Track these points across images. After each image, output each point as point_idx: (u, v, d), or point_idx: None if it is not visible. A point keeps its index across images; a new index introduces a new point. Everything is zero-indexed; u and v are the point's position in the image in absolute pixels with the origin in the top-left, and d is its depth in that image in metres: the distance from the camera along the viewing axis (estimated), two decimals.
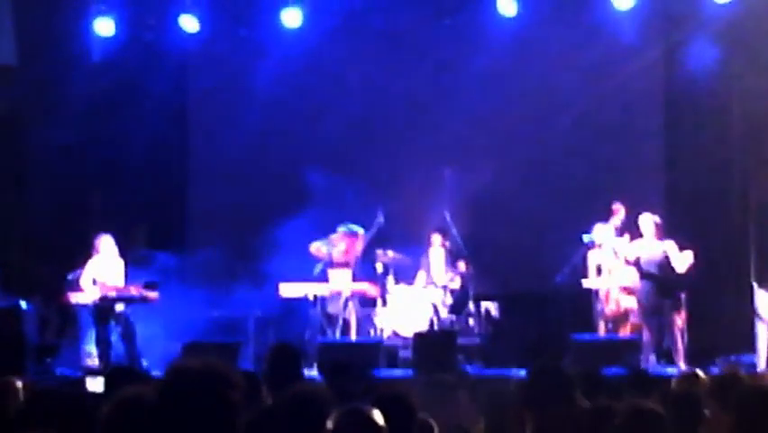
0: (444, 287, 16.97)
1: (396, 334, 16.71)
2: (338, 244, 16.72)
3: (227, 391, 3.78)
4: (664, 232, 15.49)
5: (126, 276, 16.40)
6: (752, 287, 15.10)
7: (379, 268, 16.95)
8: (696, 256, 15.19)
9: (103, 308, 15.84)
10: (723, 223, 17.23)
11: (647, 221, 15.47)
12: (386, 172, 18.14)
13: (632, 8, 17.00)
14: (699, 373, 8.72)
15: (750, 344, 14.74)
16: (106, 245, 16.34)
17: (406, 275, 17.26)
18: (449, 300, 16.96)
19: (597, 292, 16.27)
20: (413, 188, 17.85)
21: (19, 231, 17.83)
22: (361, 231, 16.86)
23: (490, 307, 17.32)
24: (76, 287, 16.11)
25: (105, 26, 18.13)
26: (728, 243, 17.13)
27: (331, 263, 16.61)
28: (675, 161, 17.91)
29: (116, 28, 18.17)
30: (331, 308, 16.48)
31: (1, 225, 17.61)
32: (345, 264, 16.60)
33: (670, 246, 15.28)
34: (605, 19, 17.27)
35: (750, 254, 16.55)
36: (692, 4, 16.92)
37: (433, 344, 15.14)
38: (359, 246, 16.82)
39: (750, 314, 14.93)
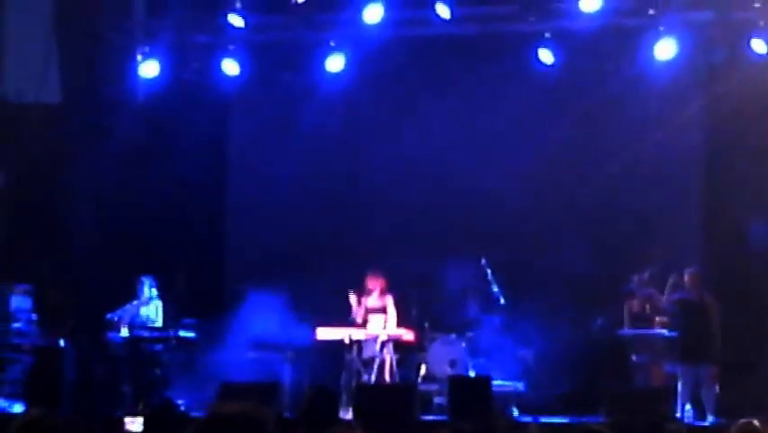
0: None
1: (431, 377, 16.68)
2: (372, 290, 16.78)
3: None
4: (704, 284, 15.51)
5: (165, 317, 16.52)
6: None
7: None
8: (736, 311, 15.11)
9: (140, 349, 15.95)
10: (764, 278, 17.08)
11: (686, 274, 15.53)
12: (420, 213, 18.20)
13: (673, 58, 16.91)
14: (756, 422, 8.67)
15: None
16: (146, 287, 16.50)
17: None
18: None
19: (632, 341, 16.27)
20: (448, 233, 17.93)
21: (59, 271, 17.92)
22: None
23: (527, 354, 17.28)
24: (115, 327, 16.24)
25: (149, 68, 18.30)
26: None
27: (367, 309, 16.67)
28: (715, 214, 17.78)
29: (160, 70, 18.33)
30: (367, 353, 16.50)
31: (42, 264, 17.71)
32: (381, 309, 16.66)
33: (709, 299, 15.31)
34: (646, 69, 17.16)
35: None
36: (734, 55, 16.79)
37: (467, 390, 15.08)
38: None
39: None
